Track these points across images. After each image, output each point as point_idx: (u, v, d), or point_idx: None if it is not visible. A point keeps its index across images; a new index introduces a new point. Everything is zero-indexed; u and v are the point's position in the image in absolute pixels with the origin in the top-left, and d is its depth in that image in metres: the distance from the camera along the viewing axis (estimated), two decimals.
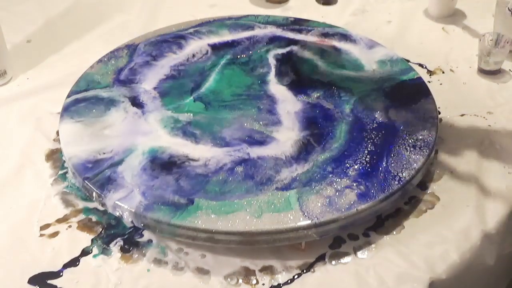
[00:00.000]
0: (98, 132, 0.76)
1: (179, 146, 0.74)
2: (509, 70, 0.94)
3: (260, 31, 0.96)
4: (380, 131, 0.76)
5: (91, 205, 0.71)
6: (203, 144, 0.74)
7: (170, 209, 0.65)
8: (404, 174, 0.69)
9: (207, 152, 0.73)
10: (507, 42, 0.91)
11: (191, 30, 0.96)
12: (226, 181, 0.68)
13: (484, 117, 0.84)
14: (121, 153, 0.72)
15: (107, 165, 0.70)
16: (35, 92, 0.90)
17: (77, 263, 0.65)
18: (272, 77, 0.86)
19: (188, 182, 0.68)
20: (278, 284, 0.63)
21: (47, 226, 0.69)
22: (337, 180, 0.68)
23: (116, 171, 0.70)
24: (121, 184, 0.68)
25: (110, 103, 0.81)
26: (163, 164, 0.71)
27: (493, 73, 0.92)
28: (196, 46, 0.93)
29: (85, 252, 0.66)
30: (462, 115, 0.85)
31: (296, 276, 0.63)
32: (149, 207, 0.65)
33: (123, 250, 0.66)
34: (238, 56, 0.90)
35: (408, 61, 0.92)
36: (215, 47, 0.92)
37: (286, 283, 0.63)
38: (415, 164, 0.70)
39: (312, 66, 0.88)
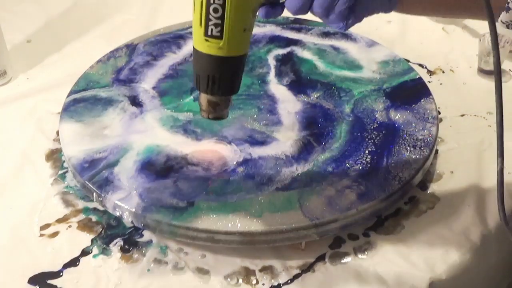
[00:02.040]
0: (98, 132, 0.76)
1: (177, 144, 0.73)
2: (509, 70, 0.94)
3: (259, 30, 0.96)
4: (380, 131, 0.76)
5: (91, 205, 0.71)
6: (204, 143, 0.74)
7: (169, 211, 0.65)
8: (404, 174, 0.69)
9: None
10: (507, 42, 0.91)
11: (191, 30, 0.95)
12: (227, 181, 0.68)
13: (484, 117, 0.84)
14: (116, 153, 0.72)
15: (103, 166, 0.70)
16: (35, 92, 0.90)
17: (77, 263, 0.65)
18: (272, 77, 0.86)
19: (187, 185, 0.68)
20: (278, 284, 0.63)
21: (47, 226, 0.69)
22: (337, 180, 0.68)
23: (112, 172, 0.69)
24: (118, 186, 0.68)
25: (109, 102, 0.81)
26: (159, 168, 0.70)
27: (493, 73, 0.92)
28: None
29: (85, 252, 0.66)
30: (462, 115, 0.85)
31: (296, 276, 0.63)
32: (148, 209, 0.65)
33: (123, 250, 0.66)
34: None
35: (408, 61, 0.92)
36: None
37: (286, 283, 0.63)
38: (415, 164, 0.70)
39: (312, 66, 0.88)
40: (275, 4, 0.52)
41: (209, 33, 0.52)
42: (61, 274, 0.63)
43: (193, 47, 0.55)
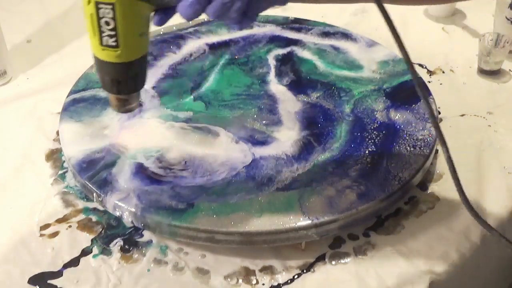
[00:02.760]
0: (98, 132, 0.76)
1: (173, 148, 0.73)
2: (509, 70, 0.94)
3: (259, 30, 0.96)
4: (381, 131, 0.76)
5: (91, 205, 0.71)
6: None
7: (169, 211, 0.65)
8: (404, 174, 0.69)
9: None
10: (507, 42, 0.91)
11: (191, 30, 0.96)
12: (229, 182, 0.68)
13: (484, 117, 0.84)
14: (113, 153, 0.72)
15: (101, 166, 0.70)
16: (35, 92, 0.90)
17: (77, 263, 0.65)
18: (272, 77, 0.86)
19: (186, 189, 0.67)
20: (278, 284, 0.63)
21: (47, 226, 0.69)
22: (337, 180, 0.68)
23: (111, 173, 0.69)
24: (116, 187, 0.67)
25: (108, 102, 0.80)
26: (151, 175, 0.69)
27: (493, 73, 0.92)
28: (194, 45, 0.93)
29: (85, 252, 0.66)
30: (462, 115, 0.85)
31: (296, 276, 0.63)
32: (146, 210, 0.65)
33: (123, 250, 0.66)
34: (237, 56, 0.90)
35: None
36: (213, 47, 0.92)
37: (286, 283, 0.63)
38: (415, 164, 0.70)
39: (312, 66, 0.88)
40: (168, 9, 0.52)
41: (104, 43, 0.52)
42: (61, 274, 0.63)
43: (93, 53, 0.55)
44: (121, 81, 0.56)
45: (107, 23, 0.51)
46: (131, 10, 0.50)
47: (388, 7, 0.56)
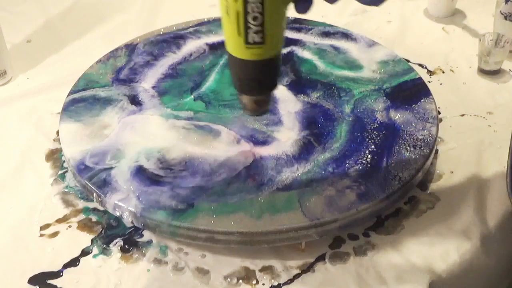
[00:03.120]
0: (97, 132, 0.75)
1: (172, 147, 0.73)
2: (509, 70, 0.94)
3: None
4: (381, 131, 0.76)
5: (91, 205, 0.71)
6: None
7: (169, 212, 0.65)
8: (404, 174, 0.69)
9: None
10: (507, 42, 0.91)
11: (191, 30, 0.96)
12: (229, 183, 0.68)
13: (484, 117, 0.84)
14: (113, 153, 0.72)
15: (99, 167, 0.70)
16: (35, 92, 0.90)
17: (77, 263, 0.65)
18: None
19: (186, 190, 0.67)
20: (278, 284, 0.63)
21: (47, 226, 0.69)
22: (338, 180, 0.68)
23: (110, 174, 0.69)
24: (116, 188, 0.67)
25: (108, 102, 0.81)
26: (150, 175, 0.69)
27: (493, 73, 0.92)
28: (194, 45, 0.93)
29: (85, 252, 0.66)
30: (462, 115, 0.85)
31: (296, 276, 0.63)
32: (146, 210, 0.65)
33: (123, 250, 0.66)
34: None
35: (408, 61, 0.92)
36: (213, 46, 0.92)
37: (286, 283, 0.63)
38: (415, 164, 0.70)
39: (312, 66, 0.88)
40: None
41: (251, 40, 0.51)
42: (61, 274, 0.63)
43: (231, 55, 0.54)
44: (263, 80, 0.55)
45: (255, 19, 0.50)
46: (278, 1, 0.50)
47: (389, 6, 0.55)
